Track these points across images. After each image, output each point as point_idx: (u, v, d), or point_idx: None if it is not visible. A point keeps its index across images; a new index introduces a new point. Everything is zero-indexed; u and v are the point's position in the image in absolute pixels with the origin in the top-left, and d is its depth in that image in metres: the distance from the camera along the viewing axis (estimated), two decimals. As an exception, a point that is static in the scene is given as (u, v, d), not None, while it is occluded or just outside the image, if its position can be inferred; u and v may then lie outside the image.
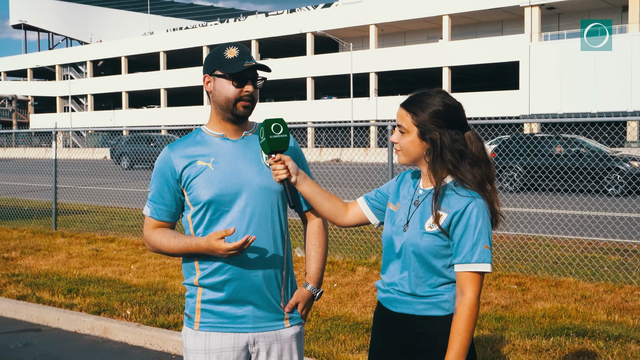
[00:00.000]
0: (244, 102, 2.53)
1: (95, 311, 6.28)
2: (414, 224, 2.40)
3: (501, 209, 2.48)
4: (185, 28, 71.17)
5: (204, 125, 2.65)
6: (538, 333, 5.39)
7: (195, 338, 2.56)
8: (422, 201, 2.43)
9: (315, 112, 55.05)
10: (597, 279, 7.29)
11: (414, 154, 2.43)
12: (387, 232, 2.50)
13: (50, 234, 10.88)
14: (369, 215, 2.64)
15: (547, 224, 10.99)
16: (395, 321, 2.45)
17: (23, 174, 21.83)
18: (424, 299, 2.38)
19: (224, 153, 2.55)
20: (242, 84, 2.52)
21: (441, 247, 2.35)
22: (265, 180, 2.55)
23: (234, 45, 2.56)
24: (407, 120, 2.41)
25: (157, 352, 5.56)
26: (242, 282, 2.51)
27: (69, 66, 78.40)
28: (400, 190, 2.55)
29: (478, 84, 52.44)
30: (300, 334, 2.68)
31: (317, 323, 5.75)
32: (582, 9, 46.80)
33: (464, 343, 2.28)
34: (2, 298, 6.88)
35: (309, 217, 2.74)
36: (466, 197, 2.34)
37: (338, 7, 56.56)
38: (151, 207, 2.58)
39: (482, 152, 2.43)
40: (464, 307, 2.28)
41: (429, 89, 2.46)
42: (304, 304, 2.66)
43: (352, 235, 10.05)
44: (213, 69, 2.56)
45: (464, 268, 2.31)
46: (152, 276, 7.65)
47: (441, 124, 2.37)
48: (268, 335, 2.57)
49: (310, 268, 2.70)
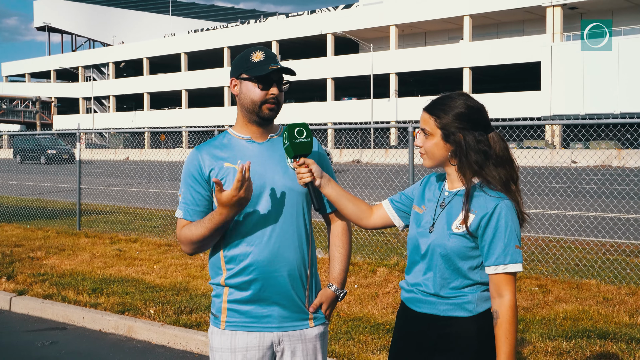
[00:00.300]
0: (269, 105, 2.57)
1: (119, 310, 6.37)
2: (441, 226, 2.43)
3: (525, 210, 2.51)
4: (206, 29, 71.56)
5: (231, 128, 2.70)
6: (559, 335, 5.39)
7: (221, 337, 2.60)
8: (448, 203, 2.45)
9: (336, 113, 55.09)
10: (619, 281, 7.25)
11: (438, 157, 2.45)
12: (412, 234, 2.53)
13: (74, 234, 11.03)
14: (394, 217, 2.67)
15: (569, 226, 10.93)
16: (419, 321, 2.48)
17: (46, 175, 22.11)
18: (448, 300, 2.41)
19: (250, 155, 2.59)
20: (267, 87, 2.56)
21: (468, 249, 2.38)
22: (290, 182, 2.59)
23: (260, 49, 2.61)
24: (430, 123, 2.44)
25: (180, 351, 5.64)
26: (268, 282, 2.55)
27: (92, 68, 79.22)
28: (426, 192, 2.57)
29: (499, 85, 52.16)
30: (324, 334, 2.71)
31: (338, 323, 5.79)
32: (604, 9, 46.39)
33: (513, 344, 2.31)
34: (29, 297, 7.01)
35: (333, 219, 2.78)
36: (494, 198, 2.35)
37: (358, 7, 56.56)
38: (183, 209, 2.61)
39: (506, 153, 2.44)
40: (506, 308, 2.31)
41: (452, 92, 2.49)
42: (328, 304, 2.70)
43: (372, 237, 10.07)
44: (240, 72, 2.60)
45: (498, 270, 2.32)
46: (175, 276, 7.74)
47: (464, 126, 2.40)
48: (293, 335, 2.61)
49: (334, 269, 2.74)
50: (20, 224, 12.28)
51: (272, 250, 2.53)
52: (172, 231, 11.22)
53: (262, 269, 2.54)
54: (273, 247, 2.53)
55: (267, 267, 2.54)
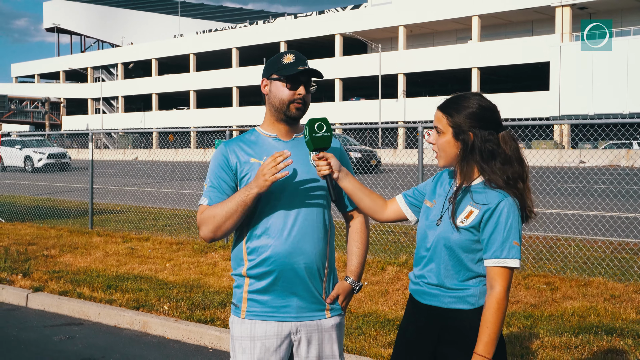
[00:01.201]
0: (296, 104, 2.72)
1: (134, 306, 6.49)
2: (447, 219, 2.53)
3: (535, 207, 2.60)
4: (215, 30, 71.77)
5: (259, 127, 2.83)
6: (567, 331, 5.47)
7: (241, 326, 2.72)
8: (456, 198, 2.55)
9: (344, 113, 55.15)
10: (626, 279, 7.32)
11: (450, 154, 2.55)
12: (421, 226, 2.64)
13: (86, 232, 11.17)
14: (407, 211, 2.78)
15: (577, 225, 10.99)
16: (424, 313, 2.59)
17: (56, 174, 22.29)
18: (451, 292, 2.51)
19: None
20: (295, 87, 2.71)
21: (472, 242, 2.47)
22: (313, 179, 2.72)
23: (291, 53, 2.75)
24: (443, 121, 2.55)
25: (194, 346, 5.76)
26: (287, 273, 2.66)
27: (101, 68, 79.55)
28: (437, 188, 2.68)
29: (507, 85, 52.12)
30: (341, 325, 2.83)
31: (349, 319, 5.89)
32: (613, 9, 46.28)
33: (493, 335, 2.39)
34: (45, 293, 7.14)
35: (353, 216, 2.90)
36: (497, 195, 2.45)
37: (367, 8, 56.60)
38: (208, 197, 2.69)
39: (516, 152, 2.54)
40: (493, 300, 2.40)
41: (466, 92, 2.61)
42: (344, 296, 2.82)
43: (382, 235, 10.18)
44: (270, 73, 2.75)
45: (493, 263, 2.42)
46: (187, 274, 7.86)
47: (475, 125, 2.49)
48: (310, 325, 2.72)
49: (351, 262, 2.87)
50: (34, 223, 12.44)
51: (292, 243, 2.65)
52: (183, 230, 11.35)
53: (282, 260, 2.65)
54: (293, 240, 2.65)
55: (287, 259, 2.65)
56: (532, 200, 2.56)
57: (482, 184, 2.51)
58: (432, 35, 56.83)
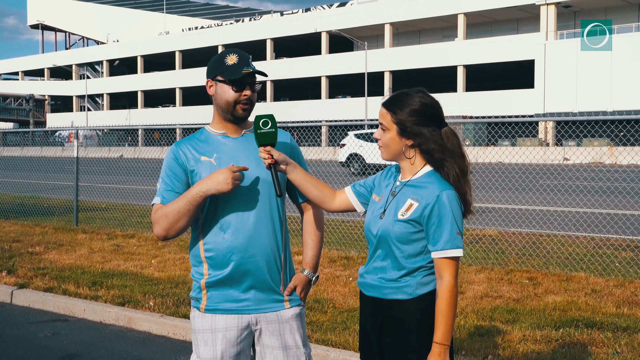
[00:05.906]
0: (242, 105, 2.78)
1: (120, 302, 6.51)
2: (389, 213, 2.61)
3: (474, 203, 2.70)
4: (201, 28, 71.57)
5: (208, 125, 2.90)
6: (548, 324, 5.56)
7: (202, 319, 2.79)
8: (399, 192, 2.63)
9: (330, 111, 55.24)
10: (607, 274, 7.43)
11: (394, 150, 2.64)
12: (367, 220, 2.74)
13: (71, 230, 11.15)
14: (355, 202, 2.85)
15: (560, 221, 11.11)
16: (370, 304, 2.69)
17: (41, 172, 22.09)
18: (391, 283, 2.60)
19: (226, 149, 2.79)
20: (241, 89, 2.76)
21: (410, 234, 2.56)
22: (263, 174, 2.78)
23: (234, 52, 2.79)
24: (387, 118, 2.62)
25: (180, 341, 5.79)
26: (244, 267, 2.73)
27: (86, 66, 79.15)
28: (383, 182, 2.77)
29: (493, 83, 52.40)
30: (301, 315, 2.90)
31: (333, 314, 5.94)
32: (598, 7, 46.65)
33: (449, 322, 2.48)
34: (30, 290, 7.14)
35: (305, 208, 2.98)
36: (438, 188, 2.53)
37: (353, 6, 56.68)
38: (161, 195, 2.76)
39: (457, 147, 2.63)
40: (444, 289, 2.49)
41: (409, 89, 2.67)
42: (301, 287, 2.90)
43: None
44: (215, 74, 2.79)
45: (440, 255, 2.50)
46: (173, 270, 7.88)
47: (419, 121, 2.57)
48: (269, 316, 2.80)
49: (306, 254, 2.96)
50: (18, 220, 12.39)
51: (248, 237, 2.72)
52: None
53: (239, 255, 2.72)
54: (248, 234, 2.72)
55: (244, 253, 2.72)
56: (471, 195, 2.65)
57: (423, 177, 2.59)
58: (418, 33, 57.04)
